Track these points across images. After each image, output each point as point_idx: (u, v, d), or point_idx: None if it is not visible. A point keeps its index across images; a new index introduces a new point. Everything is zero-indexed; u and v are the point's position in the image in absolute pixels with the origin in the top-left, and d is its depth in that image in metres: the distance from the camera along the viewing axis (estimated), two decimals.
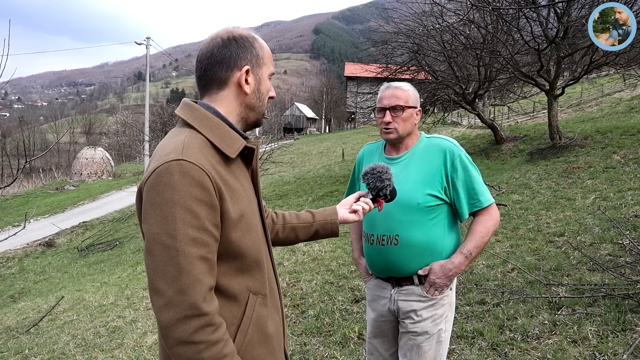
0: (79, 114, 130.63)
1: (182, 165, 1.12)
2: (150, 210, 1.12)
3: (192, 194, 1.12)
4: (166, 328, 1.10)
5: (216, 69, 1.29)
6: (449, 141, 2.03)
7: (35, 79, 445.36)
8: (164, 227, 1.10)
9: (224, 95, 1.31)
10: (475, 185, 1.98)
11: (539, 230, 5.54)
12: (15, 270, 13.71)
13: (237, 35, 1.32)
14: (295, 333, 3.87)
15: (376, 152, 2.24)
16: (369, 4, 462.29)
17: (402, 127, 2.04)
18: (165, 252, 1.10)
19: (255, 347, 1.29)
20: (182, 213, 1.10)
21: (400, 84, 2.10)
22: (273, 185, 17.73)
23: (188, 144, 1.18)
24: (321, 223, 1.71)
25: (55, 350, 4.88)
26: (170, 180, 1.11)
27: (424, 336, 2.00)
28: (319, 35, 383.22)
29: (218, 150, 1.24)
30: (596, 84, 21.65)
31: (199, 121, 1.26)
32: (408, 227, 1.96)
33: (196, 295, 1.10)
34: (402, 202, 1.94)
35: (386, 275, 2.09)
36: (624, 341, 2.97)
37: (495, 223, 2.01)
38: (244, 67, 1.30)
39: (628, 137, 9.64)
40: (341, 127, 68.02)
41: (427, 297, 2.00)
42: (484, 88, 12.86)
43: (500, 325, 3.44)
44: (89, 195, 26.26)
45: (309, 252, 6.13)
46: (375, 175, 1.75)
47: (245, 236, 1.26)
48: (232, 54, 1.29)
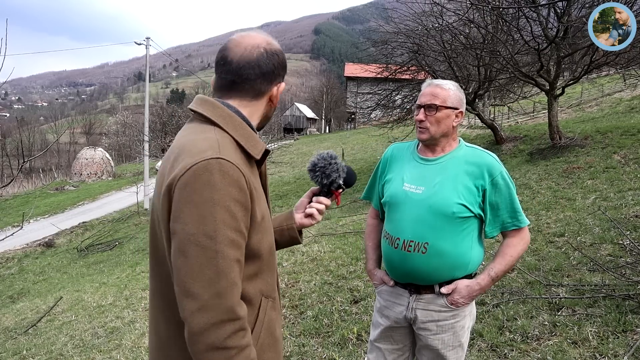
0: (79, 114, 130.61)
1: (221, 164, 1.10)
2: (185, 209, 1.08)
3: (232, 194, 1.10)
4: (198, 333, 1.06)
5: (259, 80, 1.30)
6: (491, 156, 1.95)
7: (36, 79, 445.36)
8: (203, 228, 1.06)
9: (257, 104, 1.33)
10: (515, 205, 1.91)
11: (539, 230, 5.52)
12: (14, 270, 13.71)
13: (277, 50, 1.33)
14: (293, 334, 3.85)
15: (407, 151, 2.10)
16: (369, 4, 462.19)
17: (436, 127, 1.94)
18: (202, 254, 1.06)
19: (266, 351, 1.28)
20: (223, 214, 1.08)
21: (441, 82, 2.00)
22: (273, 185, 17.71)
23: (223, 143, 1.17)
24: (277, 230, 1.54)
25: (53, 351, 4.86)
26: (211, 178, 1.08)
27: (446, 349, 1.95)
28: (319, 35, 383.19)
29: (243, 150, 1.23)
30: (596, 84, 21.63)
31: (223, 119, 1.24)
32: (439, 236, 1.88)
33: (233, 299, 1.08)
34: (437, 208, 1.87)
35: (405, 281, 2.00)
36: (624, 342, 2.95)
37: (524, 248, 1.96)
38: (281, 84, 1.36)
39: (628, 137, 9.62)
40: (341, 128, 68.00)
41: (448, 308, 1.93)
42: (484, 88, 12.84)
43: (500, 326, 3.42)
44: (89, 195, 26.26)
45: (307, 252, 6.11)
46: (318, 172, 1.55)
47: (263, 238, 1.25)
48: (275, 69, 1.32)
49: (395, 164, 2.12)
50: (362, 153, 23.44)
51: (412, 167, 2.03)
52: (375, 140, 22.48)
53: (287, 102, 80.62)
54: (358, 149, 25.76)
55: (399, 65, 13.99)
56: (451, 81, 2.04)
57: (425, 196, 1.92)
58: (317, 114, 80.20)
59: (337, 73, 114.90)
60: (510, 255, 1.92)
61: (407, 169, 2.03)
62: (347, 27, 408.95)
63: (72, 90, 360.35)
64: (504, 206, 1.91)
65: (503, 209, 1.92)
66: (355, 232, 6.94)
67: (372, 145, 24.80)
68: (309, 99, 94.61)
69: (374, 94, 16.20)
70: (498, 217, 1.93)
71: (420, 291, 1.97)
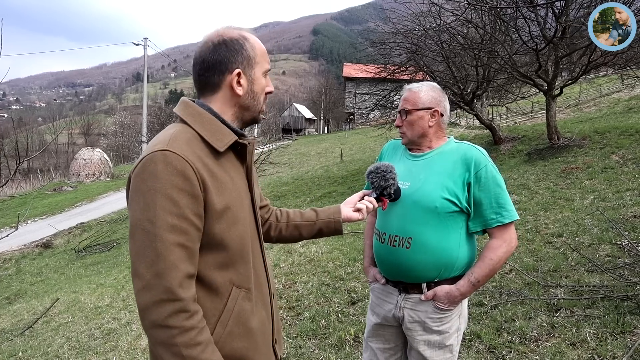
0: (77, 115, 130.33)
1: (165, 155, 1.17)
2: (134, 197, 1.18)
3: (174, 182, 1.16)
4: (143, 310, 1.14)
5: (208, 74, 1.34)
6: (477, 149, 1.91)
7: (34, 80, 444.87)
8: (145, 214, 1.15)
9: (218, 97, 1.36)
10: (500, 200, 1.84)
11: (537, 231, 5.51)
12: (12, 271, 13.65)
13: (227, 38, 1.34)
14: (290, 335, 3.83)
15: (399, 148, 2.15)
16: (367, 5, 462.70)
17: (410, 131, 1.98)
18: (145, 237, 1.15)
19: (235, 340, 1.31)
20: (162, 200, 1.15)
21: (412, 86, 2.01)
22: (271, 186, 17.69)
23: (175, 137, 1.23)
24: (324, 221, 1.74)
25: (49, 353, 4.83)
26: (154, 169, 1.16)
27: (432, 350, 1.93)
28: (318, 36, 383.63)
29: (207, 143, 1.28)
30: (594, 85, 21.68)
31: (192, 116, 1.31)
32: (423, 231, 1.86)
33: (172, 281, 1.14)
34: (420, 203, 1.86)
35: (395, 278, 2.00)
36: (623, 344, 2.93)
37: (508, 250, 1.85)
38: (235, 71, 1.33)
39: (626, 137, 9.62)
40: (339, 128, 68.05)
41: (435, 310, 1.91)
42: (482, 88, 12.83)
43: (498, 327, 3.40)
44: (87, 196, 26.18)
45: (305, 253, 6.09)
46: (379, 174, 1.75)
47: (230, 229, 1.28)
48: (223, 58, 1.32)
49: (388, 159, 2.14)
50: (361, 153, 23.43)
51: (401, 163, 2.04)
52: (374, 140, 22.49)
53: (285, 103, 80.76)
54: (357, 150, 25.75)
55: (397, 66, 13.96)
56: (427, 82, 2.04)
57: (411, 191, 1.91)
58: (316, 114, 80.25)
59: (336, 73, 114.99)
60: (490, 259, 1.84)
61: (397, 165, 2.03)
62: (346, 28, 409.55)
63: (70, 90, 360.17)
64: (488, 201, 1.85)
65: (486, 204, 1.85)
66: (353, 233, 6.93)
67: (371, 145, 24.80)
68: (308, 100, 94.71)
69: (372, 95, 16.17)
70: (481, 213, 1.87)
71: (409, 290, 1.96)
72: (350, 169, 17.55)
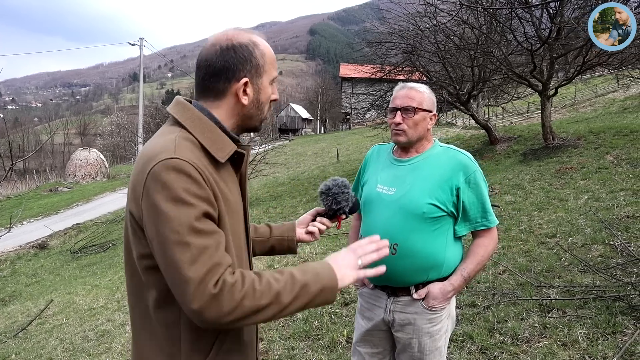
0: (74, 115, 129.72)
1: (176, 163, 1.13)
2: (152, 212, 1.12)
3: (190, 190, 1.12)
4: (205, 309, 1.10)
5: (213, 80, 1.26)
6: (465, 155, 1.94)
7: (30, 79, 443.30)
8: (169, 226, 1.10)
9: (221, 104, 1.29)
10: (486, 205, 1.92)
11: (531, 231, 5.52)
12: (7, 272, 13.58)
13: (237, 44, 1.26)
14: (283, 337, 3.82)
15: (384, 153, 2.12)
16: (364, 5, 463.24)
17: (413, 130, 1.93)
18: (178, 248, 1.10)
19: (232, 356, 1.29)
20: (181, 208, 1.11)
21: (416, 85, 1.99)
22: (267, 186, 17.67)
23: (179, 143, 1.17)
24: (278, 239, 1.66)
25: (43, 355, 4.81)
26: (167, 178, 1.11)
27: (423, 352, 1.94)
28: (315, 36, 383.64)
29: (208, 153, 1.22)
30: (590, 85, 21.75)
31: (191, 121, 1.24)
32: (409, 236, 1.86)
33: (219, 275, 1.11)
34: (406, 208, 1.86)
35: (382, 283, 1.99)
36: (614, 344, 2.95)
37: (495, 245, 1.98)
38: (243, 80, 1.26)
39: (621, 137, 9.65)
40: (336, 128, 68.02)
41: (425, 312, 1.92)
42: (478, 89, 12.86)
43: (490, 328, 3.41)
44: (83, 196, 26.09)
45: (299, 254, 6.09)
46: (330, 197, 1.64)
47: (228, 242, 1.24)
48: (231, 65, 1.25)
49: (373, 165, 2.13)
50: (357, 154, 23.45)
51: (386, 169, 2.03)
52: (370, 140, 22.46)
53: (282, 103, 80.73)
54: (353, 150, 25.77)
55: (394, 66, 13.98)
56: (423, 84, 2.03)
57: (397, 197, 1.91)
58: (312, 114, 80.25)
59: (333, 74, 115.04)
60: (481, 255, 1.92)
61: (382, 170, 2.04)
62: (343, 28, 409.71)
63: (67, 90, 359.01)
64: (476, 206, 1.91)
65: (474, 209, 1.91)
66: (347, 234, 6.92)
67: (367, 145, 24.79)
68: (304, 100, 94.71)
69: (368, 95, 16.17)
70: (469, 217, 1.92)
71: (397, 293, 1.96)
72: (346, 169, 17.55)
